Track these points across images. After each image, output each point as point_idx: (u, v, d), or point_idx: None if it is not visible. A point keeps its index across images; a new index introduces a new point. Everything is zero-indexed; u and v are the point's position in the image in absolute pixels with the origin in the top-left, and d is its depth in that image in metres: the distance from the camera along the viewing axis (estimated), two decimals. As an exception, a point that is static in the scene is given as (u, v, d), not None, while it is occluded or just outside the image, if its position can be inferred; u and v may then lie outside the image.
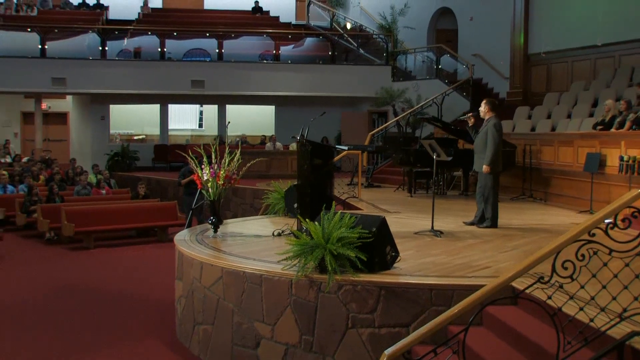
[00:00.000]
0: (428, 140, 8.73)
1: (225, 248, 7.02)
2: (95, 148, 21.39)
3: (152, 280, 10.23)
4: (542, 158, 11.80)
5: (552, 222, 9.20)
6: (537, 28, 17.20)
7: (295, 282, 5.63)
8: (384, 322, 5.44)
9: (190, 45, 20.87)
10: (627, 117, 10.90)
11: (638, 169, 9.21)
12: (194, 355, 6.61)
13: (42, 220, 13.07)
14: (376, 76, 19.43)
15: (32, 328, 7.73)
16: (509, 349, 4.60)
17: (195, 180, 12.56)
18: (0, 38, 19.63)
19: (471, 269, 6.00)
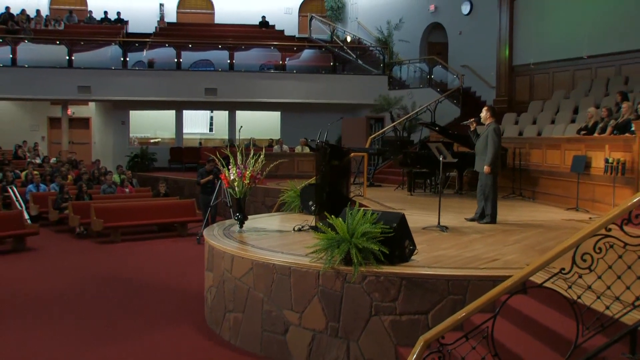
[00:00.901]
0: (435, 144, 8.73)
1: (253, 242, 6.97)
2: (116, 150, 21.30)
3: (177, 271, 10.20)
4: (530, 160, 11.79)
5: (543, 219, 9.15)
6: (521, 42, 17.19)
7: (323, 273, 5.60)
8: (404, 310, 5.41)
9: (197, 56, 20.72)
10: (608, 123, 10.90)
11: (622, 170, 9.19)
12: (225, 341, 6.56)
13: (73, 216, 13.00)
14: (373, 85, 19.38)
15: (74, 315, 7.68)
16: (525, 335, 4.55)
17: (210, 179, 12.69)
18: (31, 50, 19.54)
19: (481, 261, 5.97)
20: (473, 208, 9.00)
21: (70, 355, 6.23)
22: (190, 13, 25.09)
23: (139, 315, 7.63)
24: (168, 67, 20.04)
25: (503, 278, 5.35)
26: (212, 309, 6.99)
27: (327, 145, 7.42)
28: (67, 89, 19.08)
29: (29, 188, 14.93)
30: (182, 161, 20.68)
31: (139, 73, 19.83)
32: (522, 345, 4.33)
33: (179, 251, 11.88)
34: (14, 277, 9.75)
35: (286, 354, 5.87)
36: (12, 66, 19.15)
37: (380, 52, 20.31)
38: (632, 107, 10.76)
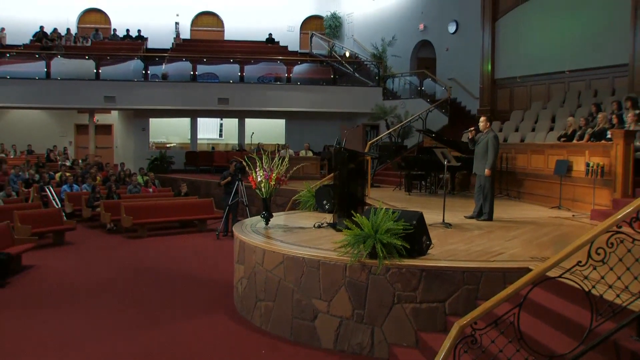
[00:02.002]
0: (440, 149, 8.72)
1: (281, 237, 6.92)
2: (137, 154, 21.15)
3: (201, 263, 10.18)
4: (516, 164, 11.77)
5: (533, 216, 9.15)
6: (502, 58, 17.21)
7: (350, 266, 5.58)
8: (424, 299, 5.41)
9: (204, 69, 20.55)
10: (585, 131, 10.94)
11: (601, 173, 9.22)
12: (256, 326, 6.52)
13: (105, 213, 12.94)
14: (369, 96, 19.37)
15: (116, 302, 7.66)
16: (540, 322, 4.55)
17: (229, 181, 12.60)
18: (63, 64, 19.41)
19: (489, 254, 5.97)
20: (466, 206, 9.02)
21: (120, 339, 6.20)
22: (203, 30, 24.97)
23: (174, 303, 7.59)
24: (180, 79, 19.92)
25: (512, 270, 5.44)
26: (243, 298, 6.93)
27: (345, 150, 7.37)
28: (95, 99, 18.98)
29: (63, 188, 14.83)
30: (197, 164, 20.55)
31: (159, 84, 19.71)
32: (539, 331, 4.34)
33: (200, 245, 11.84)
34: (58, 268, 9.73)
35: (315, 339, 5.85)
36: (47, 79, 19.05)
37: (376, 66, 20.30)
38: (606, 117, 10.83)
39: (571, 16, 15.05)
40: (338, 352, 5.66)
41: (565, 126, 12.35)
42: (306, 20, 25.23)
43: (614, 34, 13.92)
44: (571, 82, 15.50)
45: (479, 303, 5.26)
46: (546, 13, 15.82)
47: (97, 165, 17.96)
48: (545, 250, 6.26)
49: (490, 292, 5.31)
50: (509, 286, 5.26)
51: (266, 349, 5.84)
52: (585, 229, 7.99)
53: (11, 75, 18.93)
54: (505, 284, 5.34)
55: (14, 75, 18.95)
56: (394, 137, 16.62)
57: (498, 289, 5.29)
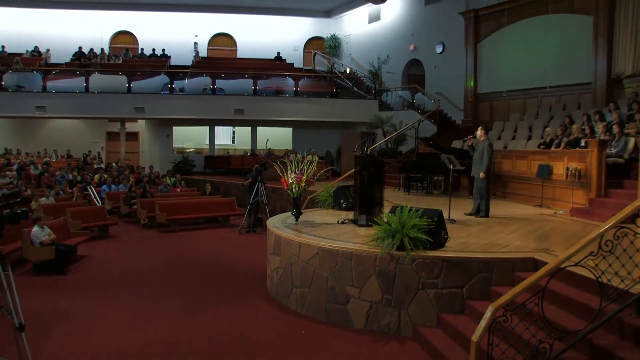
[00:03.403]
0: (447, 155, 8.77)
1: (313, 232, 6.93)
2: (162, 158, 21.13)
3: (230, 254, 10.14)
4: (502, 168, 11.84)
5: (522, 213, 9.24)
6: (483, 75, 17.37)
7: (380, 257, 5.64)
8: (445, 285, 5.49)
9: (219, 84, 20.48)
10: (562, 139, 11.08)
11: (578, 176, 9.36)
12: (292, 310, 6.54)
13: (141, 210, 12.93)
14: (366, 107, 19.44)
15: (161, 289, 7.65)
16: (552, 307, 4.58)
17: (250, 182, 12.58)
18: (99, 79, 19.34)
19: (497, 246, 6.07)
20: (460, 205, 9.07)
21: (174, 320, 6.21)
22: (218, 49, 24.94)
23: (213, 289, 7.58)
24: (200, 92, 19.90)
25: (519, 259, 5.55)
26: (279, 285, 6.93)
27: (367, 155, 7.44)
28: (126, 109, 18.95)
29: (103, 188, 14.81)
30: (215, 166, 20.54)
31: (182, 97, 19.69)
32: (555, 314, 4.41)
33: (226, 239, 11.81)
34: (106, 257, 9.74)
35: (347, 320, 5.89)
36: (86, 92, 19.00)
37: (372, 81, 20.37)
38: (579, 128, 11.00)
39: (542, 41, 15.28)
40: (368, 332, 5.71)
41: (542, 135, 12.53)
42: (309, 40, 25.25)
43: (579, 57, 14.17)
44: (543, 97, 15.70)
45: (493, 289, 5.40)
46: (521, 37, 16.01)
47: (129, 168, 17.91)
48: (542, 243, 6.38)
49: (501, 279, 5.45)
50: (517, 273, 5.42)
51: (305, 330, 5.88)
52: (568, 224, 8.15)
53: (56, 89, 18.93)
54: (514, 272, 5.47)
55: (58, 89, 18.96)
56: (390, 143, 16.69)
57: (508, 276, 5.45)
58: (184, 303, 6.87)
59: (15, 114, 19.24)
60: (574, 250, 4.07)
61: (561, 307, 4.57)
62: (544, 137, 11.98)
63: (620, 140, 9.53)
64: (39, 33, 22.62)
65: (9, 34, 22.38)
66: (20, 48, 21.97)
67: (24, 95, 18.60)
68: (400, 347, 5.37)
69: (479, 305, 5.27)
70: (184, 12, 23.68)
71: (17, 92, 18.71)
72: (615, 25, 13.32)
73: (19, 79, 18.96)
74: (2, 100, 18.42)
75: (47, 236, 8.67)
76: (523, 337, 4.06)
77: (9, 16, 22.62)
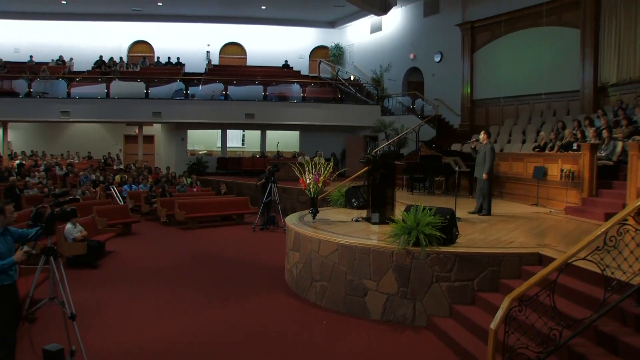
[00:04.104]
0: (453, 158, 8.85)
1: (330, 229, 6.98)
2: (177, 159, 21.16)
3: (247, 250, 10.16)
4: (499, 169, 11.85)
5: (520, 212, 9.31)
6: (479, 83, 17.50)
7: (396, 252, 5.73)
8: (457, 278, 5.58)
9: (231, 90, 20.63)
10: (555, 143, 11.19)
11: (572, 177, 9.45)
12: (312, 302, 6.59)
13: (161, 208, 12.99)
14: (369, 112, 19.55)
15: (187, 281, 7.68)
16: (560, 298, 4.66)
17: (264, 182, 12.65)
18: (119, 86, 19.46)
19: (503, 242, 6.16)
20: (461, 204, 9.09)
21: (201, 311, 6.25)
22: (229, 57, 25.01)
23: (235, 283, 7.60)
24: (209, 98, 19.96)
25: (526, 254, 5.64)
26: (299, 279, 6.98)
27: (379, 157, 7.53)
28: (144, 114, 19.04)
29: (124, 187, 14.84)
30: (227, 168, 20.61)
31: (196, 102, 19.76)
32: (562, 304, 4.49)
33: (241, 236, 11.81)
34: (131, 253, 9.81)
35: (365, 311, 5.97)
36: (106, 98, 19.09)
37: (375, 88, 20.47)
38: (571, 132, 11.11)
39: (534, 51, 15.43)
40: (385, 322, 5.80)
41: (536, 139, 12.64)
42: (314, 49, 25.32)
43: (567, 67, 14.33)
44: (535, 104, 15.82)
45: (501, 281, 5.50)
46: (514, 47, 16.14)
47: (147, 169, 17.99)
48: (543, 239, 6.47)
49: (509, 273, 5.56)
50: (524, 267, 5.51)
51: (326, 320, 5.95)
52: (564, 221, 8.24)
53: (79, 95, 19.05)
54: (520, 266, 5.57)
55: (81, 95, 19.07)
56: (392, 146, 16.79)
57: (515, 270, 5.55)
58: (208, 296, 6.91)
59: (42, 119, 19.38)
60: (581, 246, 4.17)
61: (567, 298, 4.67)
62: (538, 141, 12.09)
63: (609, 144, 9.65)
64: (63, 43, 22.75)
65: (36, 44, 22.55)
66: (46, 57, 22.11)
67: (50, 101, 18.72)
68: (416, 335, 5.46)
69: (489, 297, 5.38)
70: (197, 22, 23.75)
71: (43, 98, 18.83)
72: (600, 38, 13.49)
73: (45, 87, 19.06)
74: (30, 105, 18.58)
75: (79, 233, 8.76)
76: (535, 326, 4.16)
77: (36, 28, 22.84)
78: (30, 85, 18.87)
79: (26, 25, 22.68)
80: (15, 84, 19.41)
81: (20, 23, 22.60)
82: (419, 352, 5.10)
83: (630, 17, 12.55)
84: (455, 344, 5.02)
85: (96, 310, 6.21)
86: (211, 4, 21.49)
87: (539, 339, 4.08)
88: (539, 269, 5.31)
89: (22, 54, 22.38)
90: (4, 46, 22.31)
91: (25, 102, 18.72)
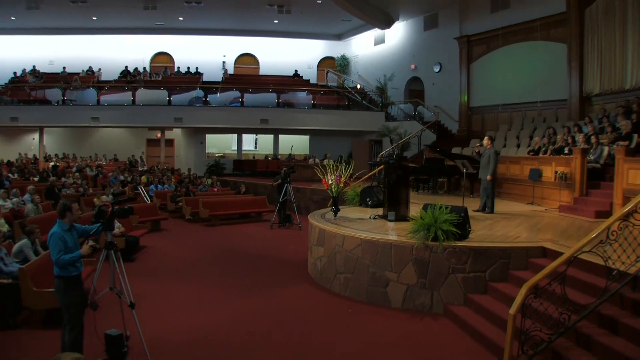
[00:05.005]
0: (461, 160, 9.04)
1: (351, 226, 7.12)
2: (196, 161, 21.32)
3: (268, 245, 10.19)
4: (497, 171, 11.93)
5: (518, 210, 9.47)
6: (475, 91, 17.67)
7: (416, 246, 5.92)
8: (471, 270, 5.78)
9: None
10: (548, 147, 11.37)
11: (565, 179, 9.64)
12: (336, 293, 6.72)
13: (186, 207, 13.15)
14: (374, 118, 19.68)
15: (216, 274, 7.76)
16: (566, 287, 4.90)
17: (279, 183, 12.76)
18: (144, 94, 19.61)
19: (510, 237, 6.35)
20: (465, 203, 9.20)
21: (234, 301, 6.35)
22: (243, 67, 25.18)
23: (262, 275, 7.69)
24: (226, 105, 20.10)
25: (532, 248, 5.83)
26: (323, 271, 7.11)
27: (395, 160, 7.70)
28: (167, 119, 19.19)
29: (151, 187, 15.02)
30: (242, 169, 20.78)
31: (215, 109, 19.89)
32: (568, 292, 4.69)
33: (260, 232, 11.86)
34: (163, 247, 9.94)
35: (386, 301, 6.15)
36: (132, 105, 19.27)
37: (379, 96, 20.64)
38: (563, 137, 11.29)
39: (526, 63, 15.66)
40: (405, 310, 5.99)
41: (530, 143, 12.82)
42: (322, 60, 25.45)
43: (556, 78, 14.55)
44: (527, 111, 16.01)
45: (511, 272, 5.69)
46: (508, 59, 16.33)
47: (170, 171, 18.18)
48: (545, 234, 6.67)
49: (517, 264, 5.76)
50: (530, 259, 5.70)
51: (351, 309, 6.13)
52: (559, 218, 8.43)
53: (108, 102, 19.25)
54: (527, 258, 5.76)
55: (110, 102, 19.26)
56: (397, 149, 16.96)
57: (523, 262, 5.75)
58: (239, 287, 7.02)
59: (75, 124, 19.62)
60: (586, 241, 4.39)
61: (573, 287, 4.87)
62: (532, 145, 12.26)
63: (597, 149, 9.84)
64: (92, 55, 22.96)
65: (68, 57, 22.83)
66: (77, 68, 22.33)
67: (82, 108, 18.91)
68: (434, 322, 5.66)
69: (500, 286, 5.59)
70: (213, 35, 23.92)
71: (75, 105, 19.04)
72: (584, 52, 13.74)
73: (77, 95, 19.28)
74: (64, 112, 18.82)
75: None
76: (547, 311, 4.36)
77: (68, 42, 23.16)
78: (64, 94, 19.08)
79: (60, 39, 23.00)
80: (48, 92, 19.64)
81: (55, 38, 22.95)
82: (438, 336, 5.30)
83: (610, 35, 12.84)
84: (471, 328, 5.22)
85: (142, 300, 6.29)
86: (227, 18, 21.67)
87: (550, 322, 4.29)
88: (544, 260, 5.58)
89: (56, 66, 22.69)
90: (40, 59, 22.62)
91: (59, 109, 18.95)
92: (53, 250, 4.40)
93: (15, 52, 22.70)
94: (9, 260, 6.41)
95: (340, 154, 20.20)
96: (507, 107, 16.57)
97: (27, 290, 5.46)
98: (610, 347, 3.93)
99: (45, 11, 19.56)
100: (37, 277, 5.62)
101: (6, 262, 6.27)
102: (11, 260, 6.44)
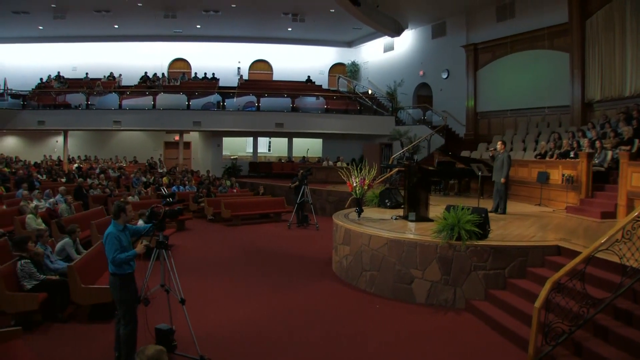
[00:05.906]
0: (477, 164, 9.26)
1: (375, 226, 7.30)
2: (214, 164, 21.60)
3: (289, 244, 10.17)
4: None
5: (528, 211, 9.66)
6: (481, 97, 17.85)
7: (440, 245, 6.16)
8: (491, 267, 6.02)
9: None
10: (554, 151, 11.58)
11: (572, 181, 9.86)
12: (362, 289, 6.89)
13: (208, 207, 13.33)
14: (385, 123, 19.92)
15: (245, 271, 7.88)
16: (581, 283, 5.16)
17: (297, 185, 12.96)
18: (164, 98, 19.96)
19: (526, 236, 6.58)
20: (475, 204, 9.33)
21: (267, 297, 6.48)
22: (257, 73, 25.49)
23: (288, 272, 7.76)
24: (242, 109, 20.37)
25: (548, 247, 6.06)
26: (349, 269, 7.28)
27: (416, 163, 7.95)
28: (186, 123, 19.52)
29: (173, 188, 15.24)
30: (258, 171, 21.03)
31: (232, 113, 20.19)
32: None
33: (280, 232, 11.88)
34: (190, 246, 10.04)
35: (411, 296, 6.37)
36: (153, 109, 19.62)
37: (389, 101, 20.88)
38: (568, 142, 11.52)
39: (530, 71, 15.89)
40: (429, 305, 6.21)
41: (536, 147, 13.04)
42: (333, 66, 25.73)
43: (559, 85, 14.79)
44: (531, 116, 16.22)
45: (528, 269, 5.95)
46: (513, 66, 16.55)
47: (190, 172, 18.48)
48: (557, 233, 6.90)
49: (534, 262, 6.00)
50: (546, 257, 5.96)
51: (378, 304, 6.35)
52: (567, 219, 8.64)
53: (129, 107, 19.61)
54: (543, 256, 6.02)
55: (131, 107, 19.63)
56: (407, 152, 17.20)
57: (539, 259, 6.00)
58: (271, 284, 7.08)
59: (98, 127, 20.00)
60: (603, 241, 4.65)
61: (589, 283, 5.11)
62: (539, 149, 12.47)
63: (601, 153, 10.08)
64: (113, 61, 23.41)
65: (90, 63, 23.29)
66: (99, 74, 22.74)
67: (105, 112, 19.30)
68: (457, 316, 5.91)
69: (518, 282, 5.85)
70: (229, 42, 24.27)
71: (98, 109, 19.41)
72: (586, 61, 13.97)
73: (100, 100, 19.66)
74: (88, 116, 19.22)
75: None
76: (568, 305, 4.63)
77: (90, 49, 23.64)
78: (87, 99, 19.46)
79: (83, 47, 23.48)
80: (69, 97, 20.02)
81: (78, 45, 23.43)
82: (463, 327, 5.56)
83: (610, 44, 13.09)
84: (493, 321, 5.48)
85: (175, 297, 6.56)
86: (243, 25, 22.01)
87: (571, 315, 4.56)
88: (559, 258, 5.85)
89: (79, 72, 23.14)
90: (64, 65, 23.07)
91: (83, 113, 19.35)
92: (109, 250, 4.53)
93: (41, 59, 23.19)
94: (54, 257, 6.74)
95: (352, 157, 20.54)
96: (513, 112, 16.81)
97: (75, 286, 5.65)
98: (625, 337, 4.20)
99: (70, 20, 19.99)
100: (84, 274, 5.83)
101: (52, 260, 6.60)
102: (56, 257, 6.75)
